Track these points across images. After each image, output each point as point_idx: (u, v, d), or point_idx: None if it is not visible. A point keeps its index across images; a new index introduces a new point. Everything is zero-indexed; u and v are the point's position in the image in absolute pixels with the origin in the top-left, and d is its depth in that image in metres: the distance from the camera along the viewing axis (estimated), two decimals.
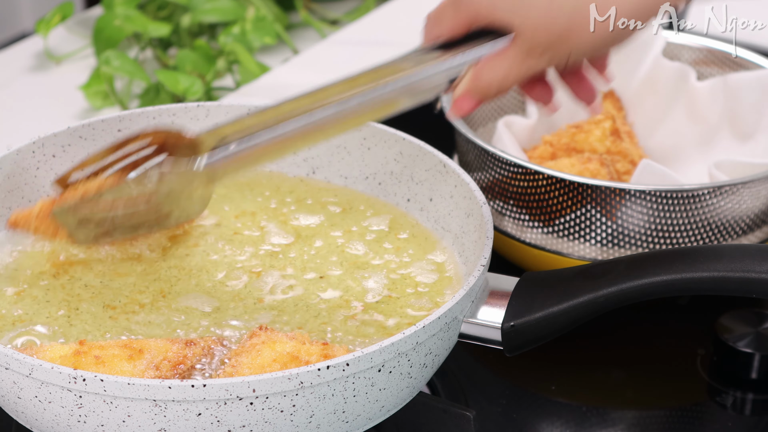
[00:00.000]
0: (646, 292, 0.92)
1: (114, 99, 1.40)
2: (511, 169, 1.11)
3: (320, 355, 0.88)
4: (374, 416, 0.89)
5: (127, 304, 0.96)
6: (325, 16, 1.67)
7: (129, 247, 1.02)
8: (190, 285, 0.99)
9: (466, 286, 0.91)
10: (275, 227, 1.06)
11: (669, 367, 1.09)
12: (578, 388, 1.07)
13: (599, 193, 1.07)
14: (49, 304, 0.96)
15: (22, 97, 1.46)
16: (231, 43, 1.46)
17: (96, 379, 0.81)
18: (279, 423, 0.84)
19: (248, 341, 0.90)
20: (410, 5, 1.68)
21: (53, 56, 1.52)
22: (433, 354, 0.90)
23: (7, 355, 0.83)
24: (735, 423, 1.04)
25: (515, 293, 0.94)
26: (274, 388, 0.82)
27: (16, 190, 1.05)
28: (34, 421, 0.87)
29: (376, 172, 1.09)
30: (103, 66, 1.39)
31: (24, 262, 1.00)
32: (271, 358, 0.87)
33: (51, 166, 1.06)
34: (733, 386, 1.06)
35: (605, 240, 1.09)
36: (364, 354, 0.84)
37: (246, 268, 1.01)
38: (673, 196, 1.07)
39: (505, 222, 1.13)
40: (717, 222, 1.09)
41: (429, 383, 1.03)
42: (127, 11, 1.48)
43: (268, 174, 1.12)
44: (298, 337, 0.90)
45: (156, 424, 0.83)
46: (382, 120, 0.95)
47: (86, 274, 0.99)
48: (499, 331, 0.93)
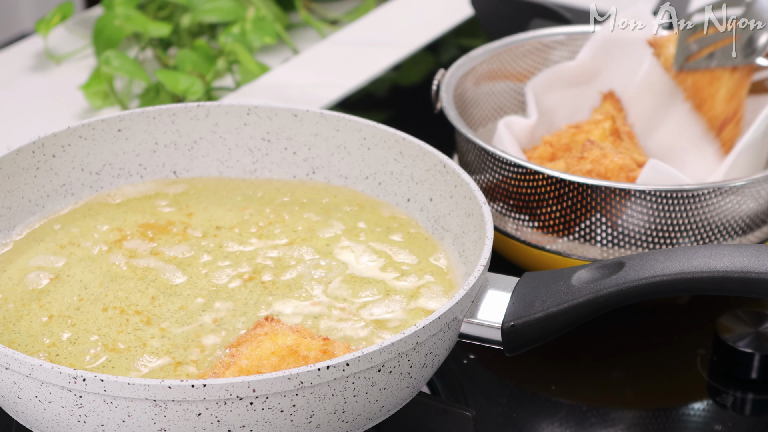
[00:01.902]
0: (646, 292, 0.92)
1: (114, 99, 1.40)
2: (511, 170, 1.11)
3: (319, 350, 0.88)
4: (374, 416, 0.89)
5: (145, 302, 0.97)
6: (325, 16, 1.67)
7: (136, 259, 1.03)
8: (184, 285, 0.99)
9: (466, 286, 0.91)
10: (275, 228, 1.06)
11: (669, 367, 1.09)
12: (578, 388, 1.07)
13: (599, 193, 1.07)
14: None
15: (22, 97, 1.46)
16: (231, 43, 1.46)
17: (96, 379, 0.81)
18: (279, 423, 0.84)
19: (253, 331, 0.90)
20: (410, 5, 1.68)
21: (53, 56, 1.52)
22: (433, 354, 0.90)
23: (7, 355, 0.83)
24: (735, 423, 1.04)
25: (515, 293, 0.94)
26: (274, 388, 0.82)
27: (16, 190, 1.05)
28: (34, 421, 0.87)
29: (376, 172, 1.09)
30: (103, 66, 1.39)
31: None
32: (269, 350, 0.87)
33: (51, 166, 1.07)
34: (733, 386, 1.06)
35: (605, 240, 1.09)
36: (364, 354, 0.84)
37: (245, 269, 1.01)
38: (674, 196, 1.07)
39: (505, 222, 1.13)
40: (717, 222, 1.09)
41: (429, 383, 1.03)
42: (127, 11, 1.48)
43: (268, 174, 1.12)
44: (302, 331, 0.90)
45: (156, 424, 0.83)
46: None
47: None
48: (499, 331, 0.93)
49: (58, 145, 1.07)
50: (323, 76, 1.49)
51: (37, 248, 1.03)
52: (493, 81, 1.27)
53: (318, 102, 1.43)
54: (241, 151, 1.12)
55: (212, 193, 1.10)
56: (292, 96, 1.43)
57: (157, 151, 1.11)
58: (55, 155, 1.07)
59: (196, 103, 1.11)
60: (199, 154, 1.12)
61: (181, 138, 1.11)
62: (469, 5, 1.50)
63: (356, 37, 1.59)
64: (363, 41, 1.58)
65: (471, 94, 1.25)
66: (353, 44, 1.57)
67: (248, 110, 1.11)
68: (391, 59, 1.55)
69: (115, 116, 1.09)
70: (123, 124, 1.09)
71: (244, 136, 1.12)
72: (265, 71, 1.47)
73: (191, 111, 1.11)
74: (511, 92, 1.28)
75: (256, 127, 1.11)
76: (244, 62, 1.45)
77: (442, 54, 1.61)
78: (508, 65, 1.28)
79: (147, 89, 1.42)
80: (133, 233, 1.05)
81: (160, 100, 1.40)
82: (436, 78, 1.20)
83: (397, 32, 1.61)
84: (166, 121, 1.11)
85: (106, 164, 1.10)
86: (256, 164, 1.12)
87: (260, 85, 1.44)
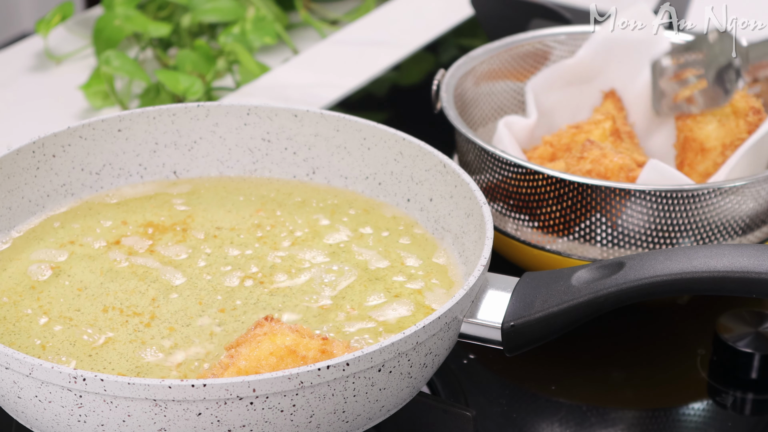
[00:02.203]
0: (646, 292, 0.92)
1: (114, 99, 1.40)
2: (511, 170, 1.11)
3: (318, 350, 0.88)
4: (374, 416, 0.89)
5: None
6: (325, 16, 1.67)
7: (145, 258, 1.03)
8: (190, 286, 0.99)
9: (466, 286, 0.91)
10: (276, 228, 1.06)
11: (669, 366, 1.09)
12: (578, 388, 1.07)
13: (599, 193, 1.07)
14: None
15: (22, 97, 1.46)
16: (231, 43, 1.46)
17: (96, 379, 0.81)
18: (279, 423, 0.84)
19: (253, 330, 0.90)
20: (410, 5, 1.68)
21: (53, 56, 1.52)
22: (433, 354, 0.90)
23: (7, 354, 0.83)
24: (735, 423, 1.04)
25: (515, 293, 0.94)
26: (274, 388, 0.82)
27: (16, 190, 1.05)
28: (34, 420, 0.87)
29: (376, 172, 1.09)
30: (103, 66, 1.39)
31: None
32: (268, 350, 0.87)
33: (51, 166, 1.07)
34: (733, 386, 1.06)
35: (605, 240, 1.09)
36: (364, 354, 0.84)
37: (245, 270, 1.01)
38: (674, 196, 1.07)
39: (505, 222, 1.13)
40: (717, 222, 1.09)
41: (429, 383, 1.03)
42: (127, 11, 1.48)
43: (268, 174, 1.12)
44: (301, 331, 0.90)
45: (156, 424, 0.83)
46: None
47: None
48: (499, 331, 0.93)
49: (58, 145, 1.07)
50: (323, 76, 1.49)
51: (36, 247, 1.03)
52: (493, 81, 1.27)
53: (318, 102, 1.43)
54: (241, 151, 1.12)
55: (212, 193, 1.10)
56: (292, 96, 1.43)
57: (157, 151, 1.11)
58: (55, 155, 1.07)
59: (196, 103, 1.11)
60: (199, 154, 1.12)
61: (181, 138, 1.11)
62: (469, 5, 1.50)
63: (356, 37, 1.59)
64: (363, 41, 1.58)
65: (471, 94, 1.25)
66: (353, 44, 1.57)
67: (248, 110, 1.11)
68: (391, 59, 1.55)
69: (115, 116, 1.09)
70: (123, 124, 1.09)
71: (244, 136, 1.12)
72: (265, 71, 1.47)
73: (191, 111, 1.11)
74: (511, 92, 1.28)
75: (256, 127, 1.11)
76: (244, 62, 1.45)
77: (442, 54, 1.61)
78: (508, 65, 1.28)
79: (147, 89, 1.42)
80: (132, 233, 1.05)
81: (160, 100, 1.40)
82: (436, 78, 1.20)
83: (397, 32, 1.61)
84: (166, 121, 1.11)
85: (106, 164, 1.10)
86: (256, 164, 1.12)
87: (260, 85, 1.44)
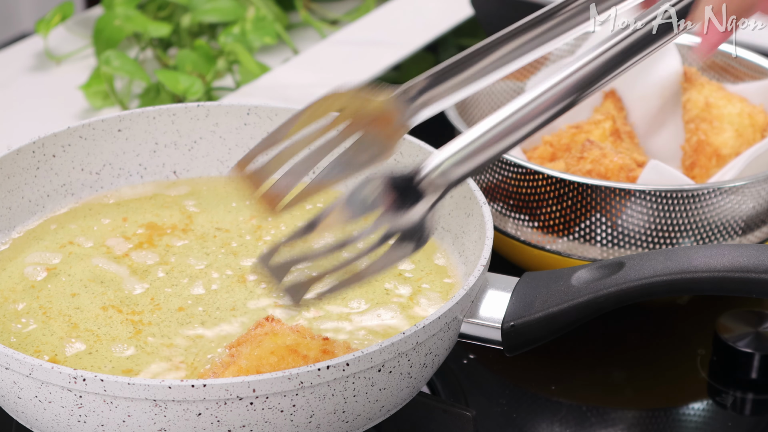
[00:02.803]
0: (646, 292, 0.92)
1: (114, 99, 1.40)
2: (511, 170, 1.11)
3: (319, 350, 0.88)
4: (374, 416, 0.89)
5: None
6: (325, 16, 1.67)
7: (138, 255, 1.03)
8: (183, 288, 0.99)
9: (466, 286, 0.91)
10: (277, 229, 1.06)
11: (669, 367, 1.09)
12: (578, 388, 1.07)
13: (599, 193, 1.07)
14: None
15: (22, 97, 1.46)
16: (231, 43, 1.46)
17: (96, 379, 0.81)
18: (279, 423, 0.84)
19: (253, 330, 0.90)
20: (410, 5, 1.68)
21: (53, 56, 1.52)
22: (433, 354, 0.90)
23: (7, 355, 0.83)
24: (735, 423, 1.04)
25: (515, 293, 0.94)
26: (274, 388, 0.82)
27: (16, 190, 1.05)
28: (34, 421, 0.87)
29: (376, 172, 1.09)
30: (103, 66, 1.39)
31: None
32: (269, 350, 0.87)
33: (51, 166, 1.07)
34: (733, 386, 1.06)
35: (605, 240, 1.09)
36: (364, 354, 0.84)
37: (245, 270, 1.01)
38: (674, 196, 1.07)
39: (505, 222, 1.13)
40: (717, 222, 1.09)
41: (429, 383, 1.03)
42: (127, 11, 1.48)
43: None
44: (301, 331, 0.90)
45: (156, 424, 0.83)
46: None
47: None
48: (499, 331, 0.93)
49: (58, 145, 1.07)
50: (323, 76, 1.49)
51: (36, 247, 1.03)
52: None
53: None
54: (241, 151, 1.12)
55: (213, 193, 1.10)
56: (292, 96, 1.43)
57: (157, 151, 1.11)
58: (55, 155, 1.07)
59: (196, 103, 1.11)
60: (199, 154, 1.12)
61: (181, 138, 1.11)
62: (469, 5, 1.50)
63: (356, 37, 1.59)
64: (363, 41, 1.58)
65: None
66: (353, 44, 1.57)
67: (248, 110, 1.11)
68: (391, 59, 1.55)
69: (115, 116, 1.09)
70: (123, 124, 1.09)
71: (244, 136, 1.12)
72: (265, 71, 1.47)
73: (191, 111, 1.11)
74: (511, 92, 1.28)
75: (256, 127, 1.11)
76: (244, 62, 1.45)
77: (442, 54, 1.61)
78: None
79: (147, 89, 1.42)
80: (132, 233, 1.05)
81: (160, 100, 1.40)
82: None
83: (397, 32, 1.61)
84: (166, 121, 1.11)
85: (106, 164, 1.10)
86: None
87: (260, 85, 1.44)
